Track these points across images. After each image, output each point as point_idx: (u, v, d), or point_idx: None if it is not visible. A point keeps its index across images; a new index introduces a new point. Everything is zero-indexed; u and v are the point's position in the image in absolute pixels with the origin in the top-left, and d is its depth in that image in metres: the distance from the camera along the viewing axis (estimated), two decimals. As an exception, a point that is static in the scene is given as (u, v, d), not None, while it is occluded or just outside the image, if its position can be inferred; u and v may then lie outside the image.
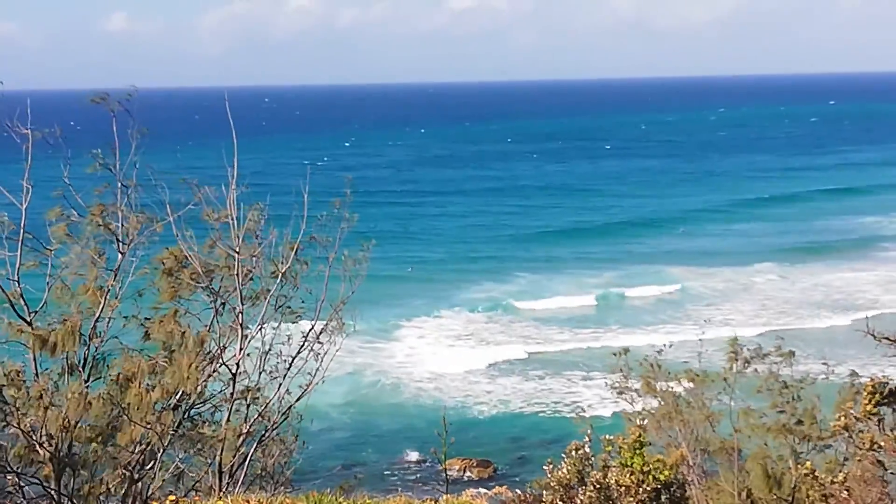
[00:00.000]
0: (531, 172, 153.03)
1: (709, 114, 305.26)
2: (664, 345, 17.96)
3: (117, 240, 11.92)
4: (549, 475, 15.00)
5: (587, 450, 15.26)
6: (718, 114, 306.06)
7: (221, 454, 11.84)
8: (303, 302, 12.41)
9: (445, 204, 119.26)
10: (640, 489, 14.45)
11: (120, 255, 11.92)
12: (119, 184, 11.84)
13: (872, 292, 69.41)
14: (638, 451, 15.05)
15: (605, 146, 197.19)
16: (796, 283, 73.24)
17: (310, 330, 12.40)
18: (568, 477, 14.90)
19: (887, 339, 11.79)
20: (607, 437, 15.50)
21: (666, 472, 14.80)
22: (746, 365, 15.79)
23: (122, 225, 11.94)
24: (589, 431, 15.57)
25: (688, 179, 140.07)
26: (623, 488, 14.47)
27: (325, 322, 12.41)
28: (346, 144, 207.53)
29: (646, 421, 17.11)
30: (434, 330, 61.98)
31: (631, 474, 14.50)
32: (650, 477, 14.56)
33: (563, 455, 15.19)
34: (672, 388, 16.91)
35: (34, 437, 10.95)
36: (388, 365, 54.89)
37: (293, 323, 12.48)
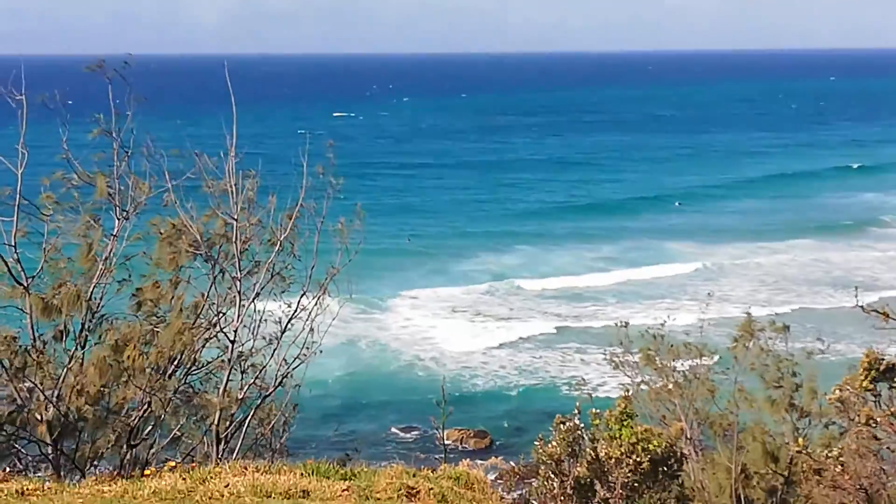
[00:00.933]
0: (529, 146, 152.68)
1: (708, 88, 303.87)
2: (667, 317, 17.96)
3: (116, 206, 11.83)
4: (541, 450, 15.06)
5: (576, 422, 15.28)
6: (721, 87, 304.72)
7: (218, 421, 11.84)
8: (293, 268, 12.31)
9: (442, 176, 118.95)
10: (631, 459, 14.49)
11: (117, 222, 11.85)
12: (116, 150, 11.73)
13: (874, 269, 69.56)
14: (625, 423, 15.08)
15: (602, 119, 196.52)
16: (797, 258, 73.25)
17: (301, 296, 12.32)
18: (558, 451, 14.95)
19: (876, 311, 11.78)
20: (594, 410, 15.51)
21: (655, 442, 14.82)
22: (759, 340, 15.73)
23: (119, 191, 11.85)
24: (578, 403, 15.58)
25: (687, 154, 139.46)
26: (613, 460, 14.50)
27: (319, 290, 12.33)
28: (343, 114, 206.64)
29: (631, 392, 17.13)
30: (431, 302, 62.04)
31: (619, 446, 14.53)
32: (639, 447, 14.59)
33: (551, 429, 15.23)
34: (672, 361, 16.93)
35: (32, 401, 10.95)
36: (385, 336, 54.99)
37: (287, 290, 12.41)
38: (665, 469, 15.20)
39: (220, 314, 11.86)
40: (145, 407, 11.45)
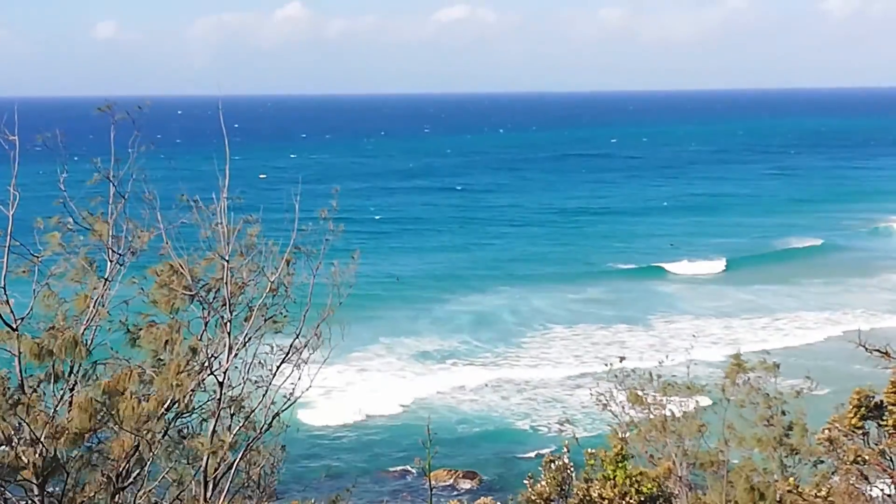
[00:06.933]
0: (516, 185, 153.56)
1: (682, 128, 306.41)
2: (664, 356, 18.04)
3: (109, 248, 11.84)
4: (530, 489, 15.02)
5: (566, 461, 15.26)
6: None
7: (206, 463, 11.76)
8: (287, 310, 12.34)
9: (424, 219, 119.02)
10: (624, 501, 14.47)
11: (109, 264, 11.85)
12: (113, 194, 11.77)
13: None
14: (620, 465, 15.08)
15: (590, 164, 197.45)
16: (797, 298, 73.38)
17: (294, 339, 12.34)
18: (548, 490, 14.91)
19: (878, 351, 11.85)
20: (589, 450, 15.49)
21: (648, 485, 14.83)
22: (748, 378, 15.81)
23: (113, 236, 11.86)
24: (566, 443, 15.57)
25: (675, 206, 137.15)
26: (606, 501, 14.48)
27: (310, 333, 12.35)
28: (326, 156, 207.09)
29: (628, 434, 17.12)
30: (416, 344, 61.88)
31: (613, 487, 14.51)
32: (633, 489, 14.58)
33: (541, 468, 15.20)
34: (662, 400, 16.95)
35: (18, 444, 10.85)
36: (373, 377, 54.75)
37: (278, 332, 12.42)
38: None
39: (213, 357, 11.83)
40: (135, 450, 11.35)
